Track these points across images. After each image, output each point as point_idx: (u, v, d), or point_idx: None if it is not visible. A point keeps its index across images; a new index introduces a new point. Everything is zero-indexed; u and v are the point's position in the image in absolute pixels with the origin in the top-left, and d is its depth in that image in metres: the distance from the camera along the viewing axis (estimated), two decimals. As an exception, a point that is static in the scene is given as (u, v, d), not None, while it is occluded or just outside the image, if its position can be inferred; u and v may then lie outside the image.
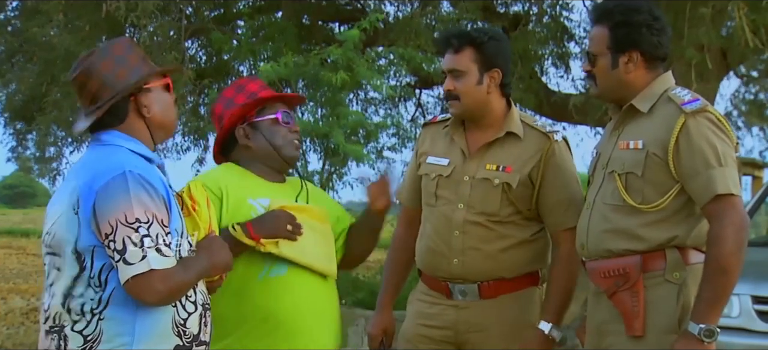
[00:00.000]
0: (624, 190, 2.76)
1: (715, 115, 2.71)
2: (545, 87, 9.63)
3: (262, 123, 2.95)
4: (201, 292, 2.41)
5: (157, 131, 2.46)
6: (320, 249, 2.93)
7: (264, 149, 2.96)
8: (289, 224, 2.84)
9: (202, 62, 10.21)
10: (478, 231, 3.08)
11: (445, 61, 3.14)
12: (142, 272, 2.20)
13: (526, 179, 3.08)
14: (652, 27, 2.79)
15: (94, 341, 2.26)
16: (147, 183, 2.28)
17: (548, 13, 9.02)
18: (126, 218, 2.22)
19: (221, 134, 3.00)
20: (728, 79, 10.33)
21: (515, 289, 3.13)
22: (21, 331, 9.67)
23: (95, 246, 2.26)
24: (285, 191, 3.00)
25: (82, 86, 2.40)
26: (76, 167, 2.45)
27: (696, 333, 2.59)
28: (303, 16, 9.68)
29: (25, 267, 17.43)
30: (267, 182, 2.97)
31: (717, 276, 2.59)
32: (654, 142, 2.72)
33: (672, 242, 2.71)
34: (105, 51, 2.41)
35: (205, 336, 2.41)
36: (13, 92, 10.37)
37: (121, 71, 2.38)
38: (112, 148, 2.36)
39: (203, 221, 2.50)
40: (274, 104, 2.99)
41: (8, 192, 53.35)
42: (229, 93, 3.01)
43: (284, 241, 2.83)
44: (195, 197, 2.56)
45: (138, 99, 2.40)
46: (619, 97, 2.85)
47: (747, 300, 5.65)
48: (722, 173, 2.63)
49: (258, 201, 2.89)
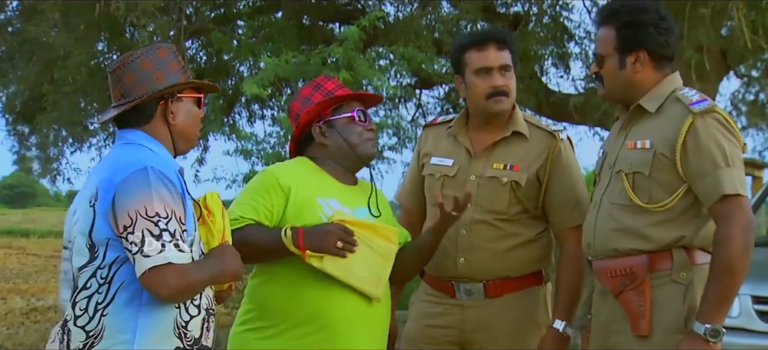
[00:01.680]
0: (631, 189, 2.76)
1: (723, 115, 2.71)
2: (545, 87, 9.64)
3: (338, 121, 2.94)
4: (206, 297, 2.42)
5: (179, 141, 2.49)
6: (370, 270, 2.83)
7: (340, 146, 2.94)
8: (341, 240, 2.76)
9: (202, 62, 10.21)
10: (485, 230, 3.09)
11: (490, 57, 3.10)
12: (160, 264, 2.21)
13: (533, 178, 3.10)
14: (658, 26, 2.79)
15: (95, 337, 2.28)
16: (167, 180, 2.30)
17: (548, 14, 9.02)
18: (146, 211, 2.24)
19: (298, 131, 2.99)
20: (728, 79, 10.33)
21: (520, 288, 3.14)
22: (21, 331, 9.67)
23: (110, 239, 2.28)
24: (355, 195, 2.96)
25: (118, 78, 2.43)
26: (99, 164, 2.49)
27: (701, 333, 2.60)
28: (303, 17, 9.68)
29: (25, 267, 17.46)
30: (339, 183, 2.94)
31: (723, 277, 2.60)
32: (662, 142, 2.72)
33: (679, 243, 2.72)
34: (149, 51, 2.45)
35: (207, 341, 2.41)
36: (14, 92, 10.37)
37: (159, 74, 2.42)
38: (134, 146, 2.40)
39: (217, 230, 2.51)
40: (350, 103, 2.97)
41: (8, 192, 53.38)
42: (306, 91, 3.00)
43: (330, 256, 2.76)
44: (210, 206, 2.57)
45: (167, 105, 2.44)
46: (627, 97, 2.85)
47: (747, 300, 5.66)
48: (730, 173, 2.63)
49: (327, 201, 2.86)
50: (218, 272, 2.40)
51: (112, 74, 2.44)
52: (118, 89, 2.43)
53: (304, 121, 2.95)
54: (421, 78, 9.56)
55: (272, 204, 2.81)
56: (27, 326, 9.99)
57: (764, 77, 10.80)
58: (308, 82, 3.08)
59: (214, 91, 2.71)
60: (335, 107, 2.96)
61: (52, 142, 10.48)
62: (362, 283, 2.81)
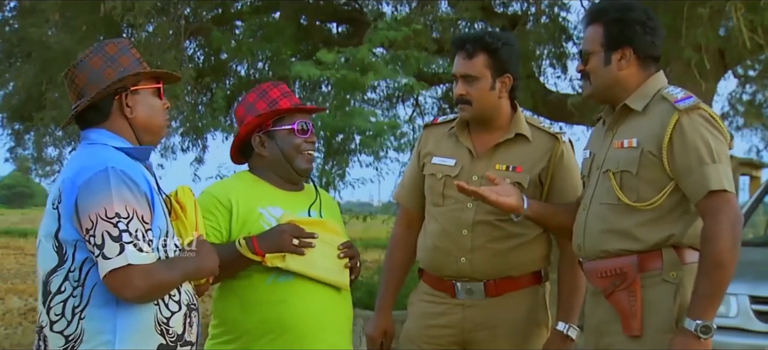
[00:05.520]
0: (619, 188, 2.76)
1: (708, 112, 2.72)
2: (543, 87, 9.64)
3: (278, 132, 2.94)
4: (186, 292, 2.41)
5: (143, 133, 2.45)
6: (331, 261, 2.90)
7: (276, 158, 2.95)
8: (296, 237, 2.81)
9: (200, 62, 10.21)
10: (488, 230, 3.10)
11: (457, 65, 3.13)
12: (120, 266, 2.20)
13: (535, 180, 3.11)
14: (645, 25, 2.80)
15: (75, 340, 2.27)
16: (129, 179, 2.29)
17: (546, 14, 9.02)
18: (106, 212, 2.22)
19: (238, 139, 3.00)
20: (726, 79, 10.35)
21: (520, 287, 3.15)
22: (19, 331, 9.66)
23: (77, 241, 2.27)
24: (299, 200, 2.98)
25: (71, 81, 2.42)
26: (64, 166, 2.48)
27: (692, 329, 2.59)
28: (301, 16, 9.68)
29: (23, 267, 17.42)
30: (280, 190, 2.96)
31: (713, 271, 2.60)
32: (648, 140, 2.72)
33: (668, 242, 2.72)
34: (98, 49, 2.43)
35: (190, 336, 2.41)
36: (11, 92, 10.36)
37: (109, 70, 2.39)
38: (98, 146, 2.38)
39: (190, 224, 2.51)
40: (293, 114, 2.96)
41: (6, 192, 53.33)
42: (252, 97, 3.00)
43: (291, 255, 2.81)
44: (182, 201, 2.57)
45: (122, 99, 2.41)
46: (613, 96, 2.85)
47: (745, 300, 5.66)
48: (716, 169, 2.64)
49: (268, 209, 2.88)
50: (194, 269, 2.41)
51: (66, 77, 2.43)
52: (74, 90, 2.42)
53: (243, 131, 2.96)
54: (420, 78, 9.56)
55: (218, 223, 2.84)
56: (25, 326, 9.97)
57: (762, 77, 10.80)
58: (255, 87, 3.07)
59: (173, 80, 2.65)
60: (277, 118, 2.95)
61: (50, 142, 10.47)
62: (328, 274, 2.87)
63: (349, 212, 9.20)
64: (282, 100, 2.96)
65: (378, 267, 10.74)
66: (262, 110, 2.94)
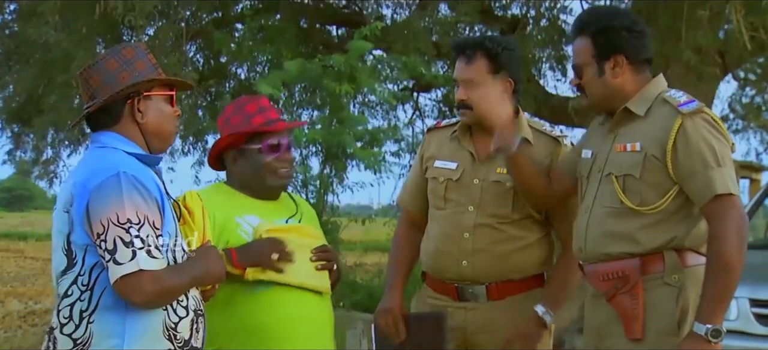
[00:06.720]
0: (622, 192, 2.76)
1: (711, 116, 2.73)
2: (543, 90, 9.64)
3: (248, 151, 2.94)
4: (193, 298, 2.41)
5: (152, 139, 2.45)
6: (311, 266, 2.92)
7: (248, 175, 2.95)
8: (276, 252, 2.82)
9: (200, 65, 10.21)
10: (489, 233, 3.09)
11: (457, 70, 3.13)
12: (132, 272, 2.20)
13: None
14: (632, 30, 2.81)
15: (83, 344, 2.27)
16: (140, 185, 2.29)
17: (546, 17, 9.03)
18: (118, 218, 2.22)
19: (213, 152, 3.01)
20: (726, 81, 10.34)
21: (522, 290, 3.14)
22: (18, 334, 9.65)
23: (88, 245, 2.27)
24: (276, 209, 2.99)
25: (85, 81, 2.42)
26: (75, 168, 2.47)
27: (702, 333, 2.59)
28: (301, 19, 9.68)
29: (22, 270, 17.43)
30: (256, 200, 2.96)
31: (720, 274, 2.59)
32: (652, 144, 2.72)
33: (670, 244, 2.72)
34: (114, 51, 2.43)
35: (196, 342, 2.41)
36: (11, 95, 10.36)
37: (125, 74, 2.39)
38: (108, 150, 2.38)
39: (198, 229, 2.51)
40: (264, 132, 2.94)
41: (5, 195, 53.25)
42: (230, 110, 3.00)
43: None
44: (189, 206, 2.57)
45: (134, 104, 2.41)
46: (611, 105, 2.86)
47: (745, 303, 5.67)
48: (721, 173, 2.64)
49: (244, 218, 2.89)
50: (201, 274, 2.41)
51: (80, 77, 2.43)
52: (87, 91, 2.42)
53: (215, 149, 2.99)
54: (419, 82, 9.57)
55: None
56: (24, 329, 9.96)
57: (762, 80, 10.79)
58: (235, 99, 3.06)
59: (186, 88, 2.67)
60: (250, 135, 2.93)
61: (50, 144, 10.47)
62: (309, 280, 2.89)
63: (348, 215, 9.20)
64: (256, 116, 2.94)
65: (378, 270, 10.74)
66: (235, 124, 2.93)
